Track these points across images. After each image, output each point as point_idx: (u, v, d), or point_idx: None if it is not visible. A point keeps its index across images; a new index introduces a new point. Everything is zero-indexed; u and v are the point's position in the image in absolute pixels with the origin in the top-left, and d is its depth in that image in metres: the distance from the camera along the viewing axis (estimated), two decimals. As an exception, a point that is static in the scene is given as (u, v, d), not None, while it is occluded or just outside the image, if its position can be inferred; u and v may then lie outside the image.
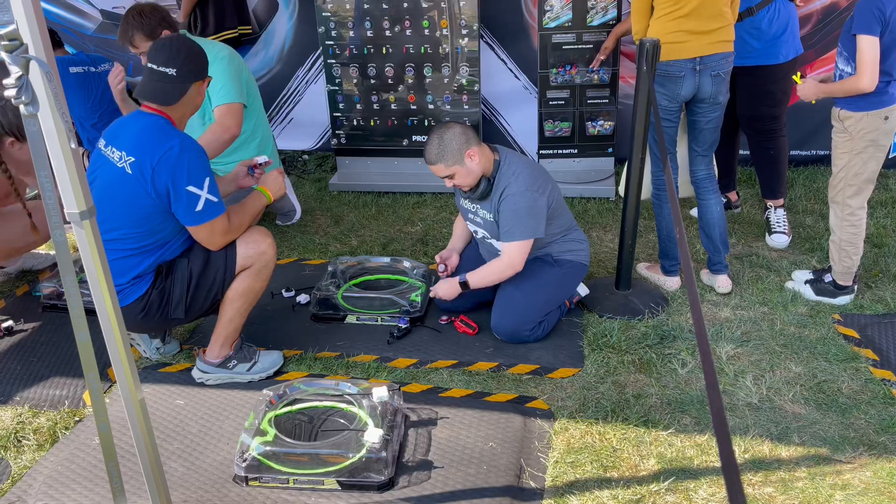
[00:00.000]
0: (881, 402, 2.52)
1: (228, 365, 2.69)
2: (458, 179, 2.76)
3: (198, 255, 2.55)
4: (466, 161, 2.72)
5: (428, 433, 2.42)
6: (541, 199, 2.78)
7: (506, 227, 2.79)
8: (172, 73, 2.44)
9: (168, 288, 2.52)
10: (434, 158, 2.72)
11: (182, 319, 2.59)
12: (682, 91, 2.99)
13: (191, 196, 2.39)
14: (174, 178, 2.37)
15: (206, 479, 2.24)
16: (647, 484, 2.20)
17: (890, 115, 2.82)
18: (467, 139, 2.71)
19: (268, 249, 2.61)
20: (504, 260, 2.83)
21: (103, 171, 2.46)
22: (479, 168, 2.75)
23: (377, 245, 3.86)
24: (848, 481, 2.19)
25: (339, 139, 4.60)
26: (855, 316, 3.04)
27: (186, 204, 2.40)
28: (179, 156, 2.36)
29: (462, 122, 2.76)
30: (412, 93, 4.40)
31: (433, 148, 2.71)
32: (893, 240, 3.67)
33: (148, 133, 2.41)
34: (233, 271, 2.57)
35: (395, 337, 2.96)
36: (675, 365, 2.76)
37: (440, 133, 2.71)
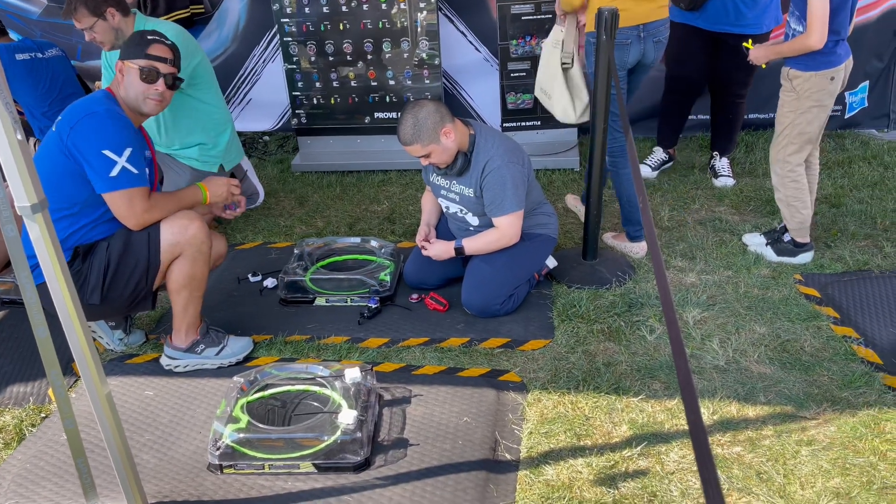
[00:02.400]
0: (842, 358, 2.59)
1: (197, 349, 2.66)
2: (435, 158, 2.73)
3: (118, 240, 2.45)
4: (442, 139, 2.69)
5: (402, 411, 2.43)
6: (522, 172, 2.80)
7: (494, 201, 2.78)
8: None
9: (85, 272, 2.42)
10: (410, 139, 2.67)
11: (98, 306, 2.47)
12: (630, 58, 3.03)
13: (106, 160, 2.33)
14: (90, 139, 2.33)
15: (179, 470, 2.22)
16: (619, 450, 2.24)
17: (836, 75, 2.88)
18: (442, 116, 2.67)
19: (197, 232, 2.48)
20: (502, 231, 2.82)
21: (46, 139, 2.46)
22: (454, 145, 2.72)
23: (343, 225, 3.83)
24: (813, 437, 2.25)
25: (300, 119, 4.53)
26: (815, 275, 3.11)
27: (100, 168, 2.34)
28: (102, 119, 2.36)
29: (433, 99, 2.72)
30: (372, 69, 4.33)
31: (408, 128, 2.66)
32: (850, 199, 3.75)
33: (84, 100, 2.45)
34: (157, 259, 2.46)
35: (366, 317, 2.94)
36: (644, 332, 2.79)
37: (413, 112, 2.66)
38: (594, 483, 2.12)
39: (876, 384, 2.45)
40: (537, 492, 2.10)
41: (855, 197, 3.77)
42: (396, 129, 2.70)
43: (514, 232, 2.83)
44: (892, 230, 3.43)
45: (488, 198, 2.78)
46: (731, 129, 4.01)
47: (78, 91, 4.08)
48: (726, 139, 4.04)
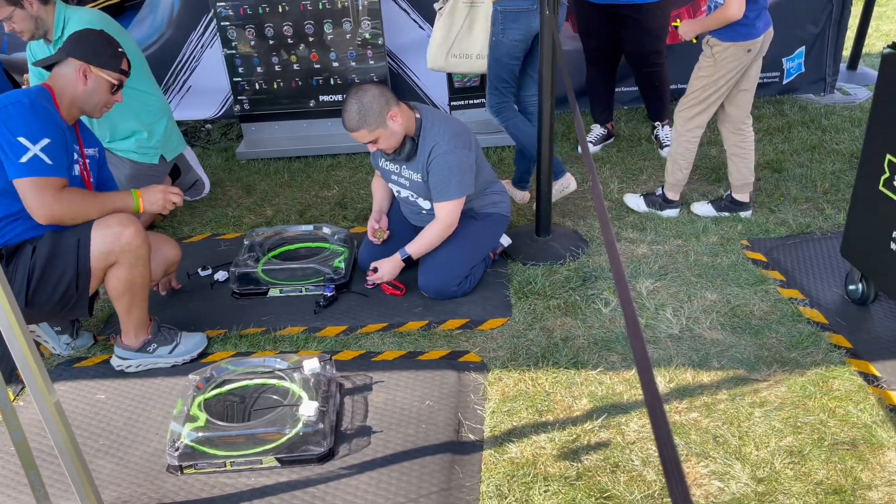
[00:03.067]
0: (790, 320, 2.67)
1: (148, 349, 2.58)
2: (383, 143, 2.68)
3: (44, 244, 2.33)
4: (389, 123, 2.64)
5: (364, 399, 2.41)
6: (469, 156, 2.77)
7: (439, 186, 2.75)
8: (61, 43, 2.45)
9: (9, 275, 2.31)
10: (355, 125, 2.61)
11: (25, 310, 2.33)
12: (535, 24, 3.09)
13: (19, 146, 2.26)
14: (8, 125, 2.27)
15: (137, 473, 2.16)
16: (581, 423, 2.27)
17: (752, 48, 2.98)
18: (387, 100, 2.62)
19: (131, 239, 2.36)
20: (441, 221, 2.81)
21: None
22: (402, 129, 2.68)
23: (293, 213, 3.76)
24: (765, 398, 2.32)
25: (242, 105, 4.41)
26: (761, 240, 3.19)
27: (11, 152, 2.26)
28: (24, 109, 2.29)
29: (377, 83, 2.67)
30: (314, 51, 4.24)
31: (353, 114, 2.60)
32: (791, 164, 3.84)
33: (13, 92, 2.37)
34: (87, 267, 2.34)
35: (322, 306, 2.91)
36: (599, 305, 2.83)
37: (357, 97, 2.59)
38: (558, 458, 2.15)
39: (822, 343, 2.53)
40: (502, 470, 2.12)
41: (795, 161, 3.87)
42: (341, 114, 2.64)
43: (454, 219, 2.82)
44: (832, 192, 3.54)
45: (433, 182, 2.75)
46: (660, 96, 4.06)
47: (4, 85, 3.89)
48: (657, 106, 4.11)
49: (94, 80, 2.45)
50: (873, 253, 2.51)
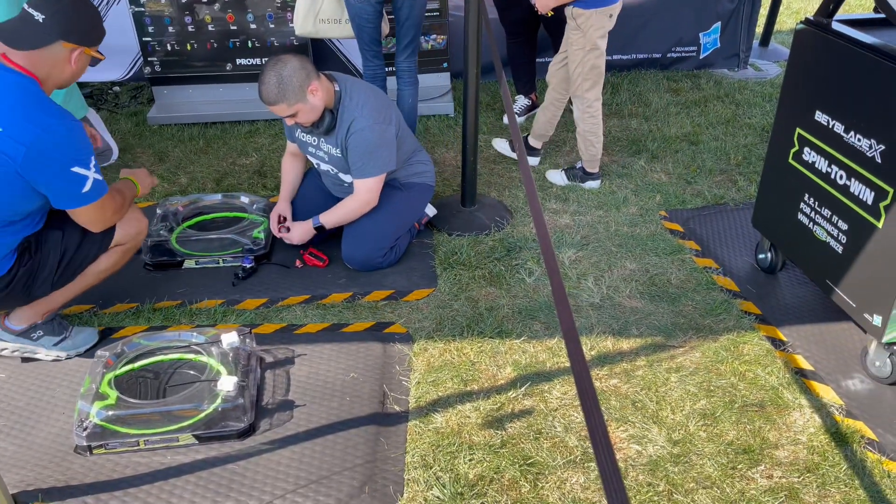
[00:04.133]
0: (704, 288, 2.77)
1: (32, 335, 2.37)
2: (302, 117, 2.58)
3: (75, 228, 2.24)
4: (309, 97, 2.53)
5: (286, 373, 2.36)
6: (389, 131, 2.70)
7: (357, 163, 2.68)
8: (39, 18, 2.03)
9: (36, 265, 2.20)
10: (274, 98, 2.49)
11: (41, 297, 2.30)
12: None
13: (77, 177, 2.07)
14: (54, 162, 2.02)
15: (42, 455, 2.04)
16: (505, 392, 2.29)
17: (613, 12, 3.12)
18: (308, 73, 2.51)
19: (143, 230, 2.46)
20: (359, 198, 2.75)
21: None
22: (321, 103, 2.58)
23: (210, 181, 3.61)
24: (681, 364, 2.40)
25: (153, 67, 4.18)
26: (678, 211, 3.28)
27: (71, 186, 2.08)
28: (63, 136, 2.02)
29: (297, 54, 2.55)
30: (230, 12, 4.05)
31: (271, 87, 2.47)
32: (707, 136, 3.96)
33: (23, 103, 2.00)
34: (108, 247, 2.35)
35: (240, 278, 2.81)
36: (523, 275, 2.85)
37: (277, 70, 2.47)
38: (482, 426, 2.16)
39: (734, 311, 2.64)
40: (427, 440, 2.12)
41: (711, 134, 3.99)
42: (258, 87, 2.52)
43: (373, 197, 2.77)
44: (744, 165, 3.67)
45: (352, 159, 2.69)
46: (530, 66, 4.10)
47: None
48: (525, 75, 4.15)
49: (81, 60, 2.15)
50: (782, 223, 2.61)
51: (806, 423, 2.17)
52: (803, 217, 2.49)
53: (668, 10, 4.62)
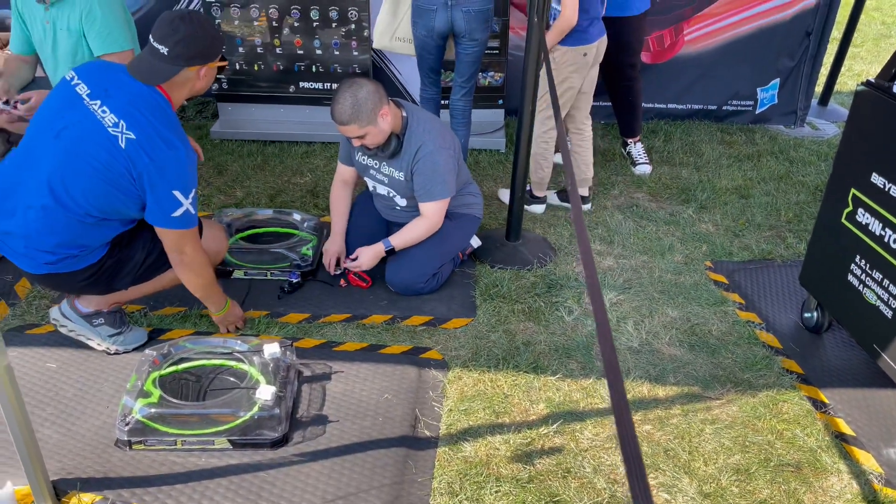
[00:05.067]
0: (746, 342, 2.73)
1: (94, 321, 2.48)
2: (369, 140, 2.65)
3: None
4: (379, 121, 2.61)
5: (322, 388, 2.40)
6: (453, 157, 2.79)
7: (426, 186, 2.75)
8: (164, 51, 2.21)
9: (123, 259, 2.33)
10: (348, 118, 2.57)
11: (121, 290, 2.42)
12: (437, 24, 3.29)
13: (174, 200, 2.21)
14: (166, 176, 2.18)
15: (84, 445, 2.12)
16: (536, 427, 2.29)
17: (588, 52, 3.28)
18: (380, 98, 2.59)
19: (223, 251, 2.63)
20: (428, 220, 2.82)
21: (85, 127, 2.16)
22: (389, 127, 2.67)
23: (264, 196, 3.72)
24: (717, 416, 2.37)
25: (221, 84, 4.35)
26: (724, 263, 3.25)
27: (165, 205, 2.21)
28: (181, 160, 2.19)
29: (371, 79, 2.66)
30: (298, 36, 4.20)
31: (346, 108, 2.55)
32: (759, 191, 3.93)
33: (156, 117, 2.19)
34: None
35: (286, 291, 2.88)
36: (562, 312, 2.86)
37: (353, 92, 2.55)
38: (511, 459, 2.16)
39: (775, 367, 2.60)
40: (455, 468, 2.13)
41: (762, 189, 3.96)
42: (331, 106, 2.59)
43: (440, 219, 2.84)
44: (795, 222, 3.63)
45: (418, 182, 2.75)
46: (630, 113, 4.12)
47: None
48: (627, 122, 4.17)
49: (209, 73, 2.35)
50: (831, 283, 2.58)
51: (843, 489, 2.12)
52: (853, 279, 2.45)
53: (727, 64, 4.64)
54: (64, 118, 2.19)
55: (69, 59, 3.17)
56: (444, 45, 3.47)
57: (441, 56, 3.53)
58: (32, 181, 2.18)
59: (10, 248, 2.23)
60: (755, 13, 4.54)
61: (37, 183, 2.17)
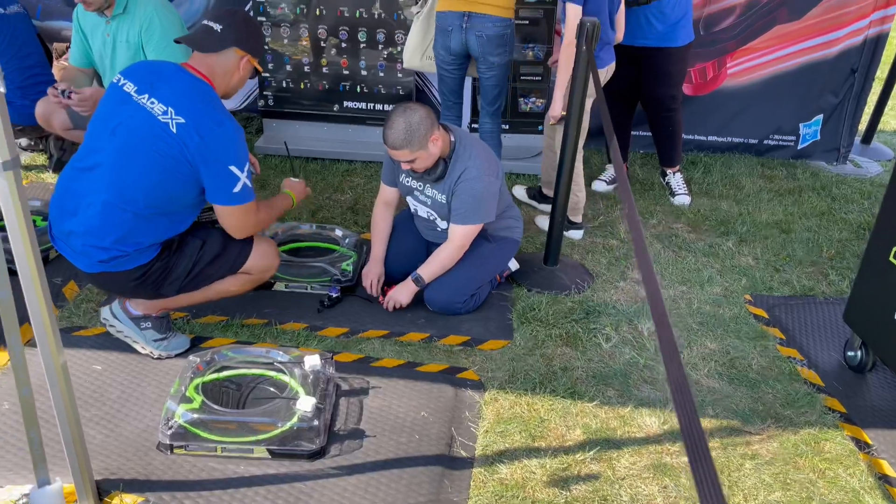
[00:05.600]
0: (787, 378, 2.69)
1: (142, 324, 2.53)
2: (419, 164, 2.69)
3: (214, 244, 2.45)
4: (430, 146, 2.64)
5: (360, 402, 2.41)
6: (496, 184, 2.81)
7: (461, 210, 2.77)
8: (217, 28, 2.35)
9: (172, 264, 2.39)
10: (400, 143, 2.60)
11: (168, 296, 2.48)
12: (452, 44, 3.37)
13: (231, 176, 2.30)
14: (220, 154, 2.27)
15: (127, 447, 2.15)
16: (573, 453, 2.28)
17: (600, 76, 3.30)
18: (432, 123, 2.63)
19: (273, 268, 2.63)
20: (453, 244, 2.83)
21: (136, 120, 2.25)
22: (438, 151, 2.70)
23: (305, 212, 3.78)
24: (757, 451, 2.33)
25: (267, 100, 4.45)
26: (764, 297, 3.22)
27: (224, 183, 2.30)
28: (231, 135, 2.28)
29: (423, 104, 2.70)
30: (345, 57, 4.29)
31: (399, 133, 2.58)
32: (800, 227, 3.90)
33: (202, 101, 2.29)
34: (237, 271, 2.52)
35: (326, 306, 2.91)
36: (600, 339, 2.85)
37: (406, 117, 2.58)
38: (547, 484, 2.15)
39: (817, 405, 2.55)
40: (491, 489, 2.12)
41: (803, 225, 3.92)
42: (384, 130, 2.62)
43: (466, 244, 2.85)
44: (837, 259, 3.58)
45: (455, 205, 2.78)
46: (670, 143, 4.10)
47: (37, 51, 3.92)
48: (666, 152, 4.16)
49: (247, 68, 2.44)
50: (877, 322, 2.54)
51: (887, 533, 2.07)
52: (900, 318, 2.41)
53: (770, 98, 4.63)
54: (117, 116, 2.29)
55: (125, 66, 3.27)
56: (464, 66, 3.52)
57: (460, 78, 3.58)
58: (92, 179, 2.26)
59: (69, 248, 2.31)
60: (800, 49, 4.53)
61: (96, 180, 2.26)
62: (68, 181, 2.32)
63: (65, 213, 2.29)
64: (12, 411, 2.25)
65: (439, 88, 3.68)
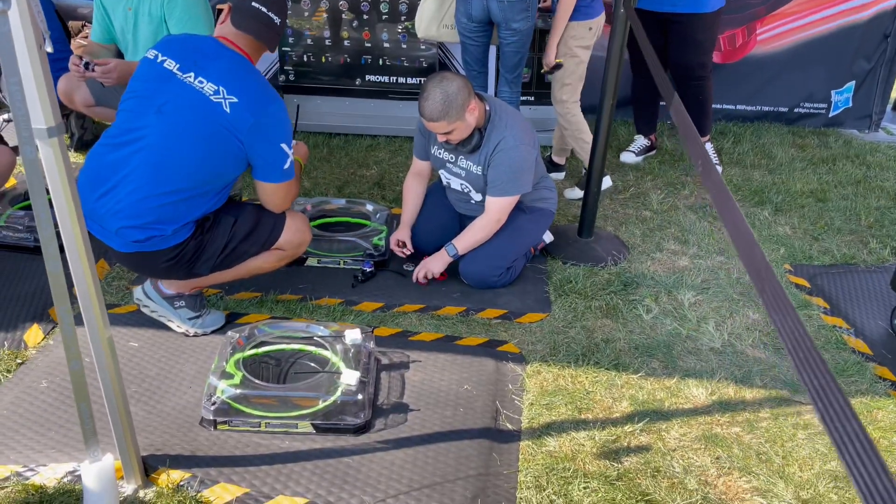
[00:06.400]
0: (834, 347, 2.64)
1: (175, 303, 2.50)
2: (456, 135, 2.61)
3: (246, 220, 2.40)
4: (467, 116, 2.57)
5: (401, 376, 2.37)
6: (533, 153, 2.74)
7: (498, 181, 2.70)
8: (277, 21, 2.35)
9: (205, 242, 2.34)
10: (438, 115, 2.51)
11: (201, 275, 2.43)
12: (473, 11, 3.32)
13: (282, 153, 2.30)
14: (273, 132, 2.27)
15: (170, 424, 2.12)
16: (621, 425, 2.23)
17: (593, 26, 3.38)
18: (469, 93, 2.54)
19: (305, 243, 2.58)
20: (490, 217, 2.77)
21: (186, 99, 2.20)
22: (475, 121, 2.63)
23: (332, 188, 3.72)
24: (808, 421, 2.28)
25: (288, 76, 4.38)
26: (804, 266, 3.15)
27: (276, 160, 2.30)
28: (282, 115, 2.29)
29: (458, 74, 2.63)
30: (367, 29, 4.21)
31: (436, 104, 2.50)
32: (835, 194, 3.82)
33: (251, 78, 2.27)
34: (270, 246, 2.47)
35: (360, 280, 2.87)
36: (641, 311, 2.79)
37: (443, 87, 2.49)
38: (597, 456, 2.11)
39: (867, 374, 2.50)
40: (541, 462, 2.08)
41: (839, 193, 3.84)
42: (420, 102, 2.54)
43: (504, 216, 2.78)
44: (876, 227, 3.51)
45: (492, 175, 2.70)
46: (703, 111, 3.92)
47: (56, 27, 3.86)
48: (697, 121, 3.96)
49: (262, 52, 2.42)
50: (928, 288, 2.47)
51: (948, 502, 2.01)
52: (955, 283, 2.35)
53: (801, 65, 4.52)
54: (163, 94, 2.21)
55: (149, 45, 3.20)
56: (487, 33, 3.44)
57: (485, 46, 3.50)
58: (133, 157, 2.20)
59: (101, 227, 2.25)
60: (831, 13, 4.42)
61: (138, 159, 2.19)
62: (102, 158, 2.25)
63: (98, 192, 2.23)
64: (52, 389, 2.23)
65: (463, 58, 3.61)
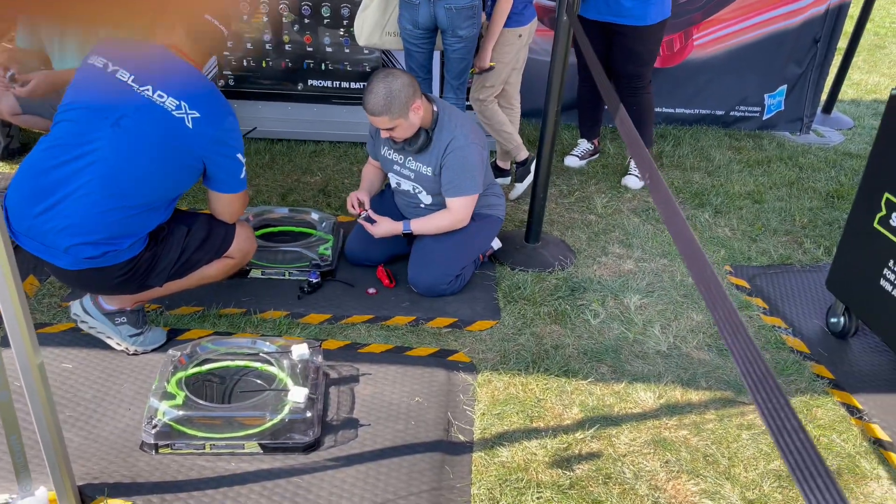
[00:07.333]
0: (773, 347, 2.71)
1: (116, 320, 2.38)
2: (399, 132, 2.60)
3: (199, 229, 2.35)
4: (411, 114, 2.56)
5: (350, 390, 2.33)
6: (483, 153, 2.74)
7: (455, 181, 2.69)
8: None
9: (159, 253, 2.26)
10: (380, 109, 2.51)
11: (154, 287, 2.34)
12: (420, 18, 3.26)
13: (239, 164, 2.30)
14: (232, 143, 2.26)
15: (108, 449, 2.03)
16: (572, 432, 2.24)
17: (522, 33, 3.43)
18: (414, 91, 2.54)
19: (252, 251, 2.58)
20: (453, 215, 2.76)
21: (146, 114, 2.11)
22: (419, 121, 2.62)
23: (275, 196, 3.64)
24: (752, 422, 2.33)
25: (227, 80, 4.27)
26: (744, 267, 3.24)
27: (234, 171, 2.30)
28: (237, 125, 2.28)
29: (406, 71, 2.60)
30: (308, 33, 4.14)
31: (379, 98, 2.49)
32: (771, 196, 3.93)
33: (207, 89, 2.25)
34: (221, 255, 2.43)
35: (306, 292, 2.81)
36: (588, 316, 2.81)
37: (387, 83, 2.50)
38: (549, 465, 2.11)
39: (806, 372, 2.57)
40: (494, 473, 2.07)
41: (774, 195, 3.96)
42: (364, 95, 2.53)
43: (466, 215, 2.77)
44: (810, 227, 3.63)
45: (447, 177, 2.70)
46: (639, 121, 3.84)
47: None
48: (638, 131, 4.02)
49: None
50: (861, 288, 2.56)
51: (884, 495, 2.09)
52: (886, 283, 2.44)
53: (735, 69, 4.64)
54: (120, 108, 2.11)
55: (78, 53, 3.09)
56: (431, 39, 3.40)
57: (429, 52, 3.46)
58: (88, 172, 2.09)
59: (41, 244, 2.12)
60: (764, 19, 4.55)
61: (94, 173, 2.09)
62: (43, 171, 2.12)
63: (39, 207, 2.09)
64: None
65: (407, 64, 3.57)
